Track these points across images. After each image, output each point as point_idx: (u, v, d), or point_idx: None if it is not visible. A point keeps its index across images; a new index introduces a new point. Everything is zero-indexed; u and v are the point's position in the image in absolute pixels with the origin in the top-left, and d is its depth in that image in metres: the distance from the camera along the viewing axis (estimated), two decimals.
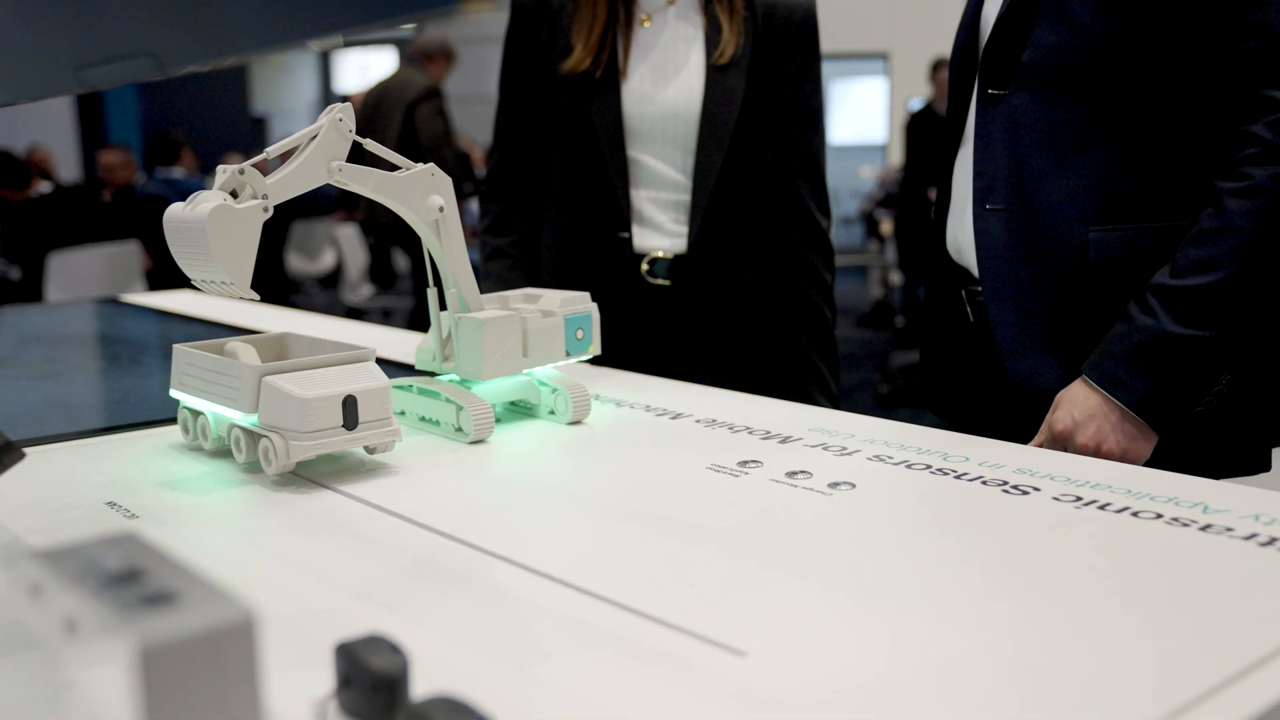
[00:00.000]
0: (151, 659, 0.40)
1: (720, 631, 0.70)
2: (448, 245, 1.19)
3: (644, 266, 1.72)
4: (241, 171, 1.03)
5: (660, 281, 1.72)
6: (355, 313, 7.65)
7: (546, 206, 1.81)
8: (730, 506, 0.96)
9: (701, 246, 1.71)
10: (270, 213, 1.02)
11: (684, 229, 1.72)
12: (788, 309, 1.80)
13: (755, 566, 0.82)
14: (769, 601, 0.76)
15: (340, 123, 1.08)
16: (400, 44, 16.14)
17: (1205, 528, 0.87)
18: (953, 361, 1.52)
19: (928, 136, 6.83)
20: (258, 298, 1.05)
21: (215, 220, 0.98)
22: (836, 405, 1.82)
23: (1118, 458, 1.21)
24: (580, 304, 1.29)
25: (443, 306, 1.23)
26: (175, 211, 1.02)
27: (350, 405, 1.03)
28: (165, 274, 5.33)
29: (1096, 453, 1.23)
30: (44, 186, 6.34)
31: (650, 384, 1.47)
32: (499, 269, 1.81)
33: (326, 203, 7.71)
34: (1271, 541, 0.84)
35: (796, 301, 1.80)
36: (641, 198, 1.73)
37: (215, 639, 0.42)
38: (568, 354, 1.28)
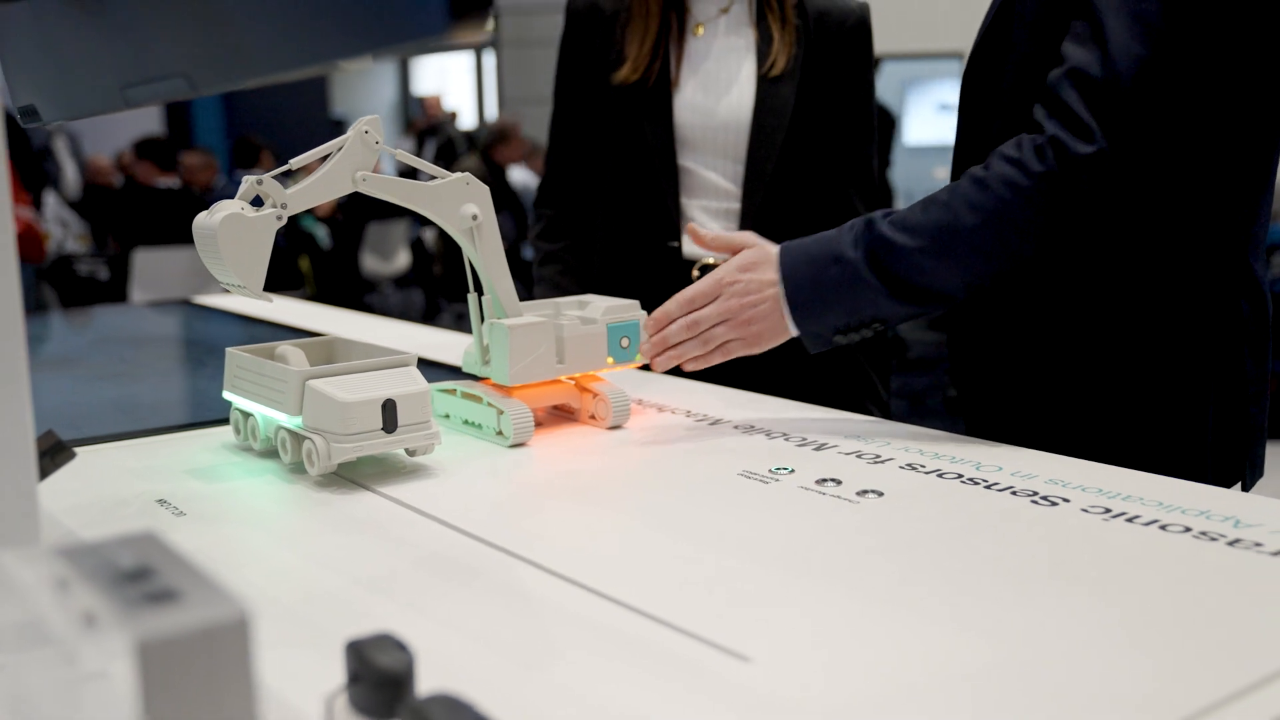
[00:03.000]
0: (147, 653, 0.43)
1: (728, 637, 0.72)
2: (484, 252, 1.22)
3: (694, 274, 1.74)
4: (260, 182, 1.07)
5: None
6: (432, 310, 7.77)
7: (598, 213, 1.83)
8: (757, 513, 0.97)
9: None
10: (284, 221, 1.07)
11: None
12: None
13: (774, 573, 0.83)
14: (782, 608, 0.77)
15: (366, 135, 1.11)
16: (478, 48, 16.32)
17: (1234, 542, 0.87)
18: (981, 359, 1.50)
19: None
20: (271, 300, 1.11)
21: (227, 227, 1.04)
22: (888, 415, 1.82)
23: (744, 332, 1.24)
24: (627, 312, 1.31)
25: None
26: (200, 219, 1.07)
27: (390, 409, 1.06)
28: None
29: (726, 312, 1.24)
30: (172, 181, 6.48)
31: (694, 389, 1.48)
32: (550, 274, 1.83)
33: None
34: None
35: None
36: (691, 206, 1.74)
37: (210, 635, 0.45)
38: (612, 361, 1.30)
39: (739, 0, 1.75)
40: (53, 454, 0.85)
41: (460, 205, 1.19)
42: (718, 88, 1.72)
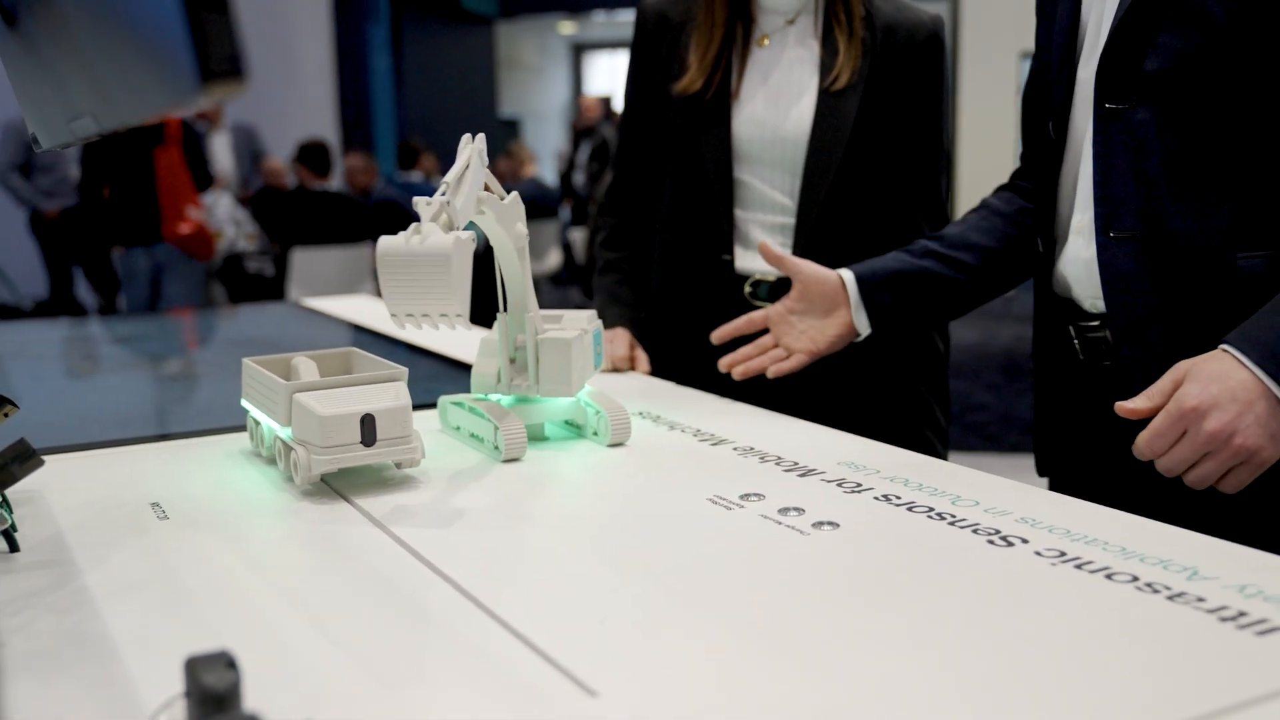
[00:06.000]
0: None
1: (588, 670, 0.72)
2: (525, 269, 1.25)
3: (746, 288, 1.72)
4: (449, 204, 1.04)
5: (762, 304, 1.72)
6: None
7: (658, 224, 1.83)
8: (701, 542, 0.97)
9: None
10: (477, 241, 1.03)
11: (788, 252, 1.70)
12: (897, 339, 1.74)
13: (676, 606, 0.83)
14: (663, 641, 0.77)
15: (481, 153, 1.12)
16: None
17: (1175, 596, 0.82)
18: (1062, 408, 1.42)
19: None
20: (471, 328, 1.05)
21: (460, 252, 0.98)
22: (946, 443, 1.76)
23: (1251, 457, 1.05)
24: (596, 320, 1.37)
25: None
26: (397, 245, 0.99)
27: (368, 423, 1.09)
28: None
29: (1227, 444, 1.05)
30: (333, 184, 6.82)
31: (716, 406, 1.48)
32: (609, 283, 1.85)
33: (552, 204, 7.99)
34: (1238, 616, 0.78)
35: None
36: (747, 219, 1.73)
37: None
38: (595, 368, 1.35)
39: (805, 12, 1.72)
40: (20, 460, 0.91)
41: (516, 222, 1.22)
42: (781, 101, 1.70)
